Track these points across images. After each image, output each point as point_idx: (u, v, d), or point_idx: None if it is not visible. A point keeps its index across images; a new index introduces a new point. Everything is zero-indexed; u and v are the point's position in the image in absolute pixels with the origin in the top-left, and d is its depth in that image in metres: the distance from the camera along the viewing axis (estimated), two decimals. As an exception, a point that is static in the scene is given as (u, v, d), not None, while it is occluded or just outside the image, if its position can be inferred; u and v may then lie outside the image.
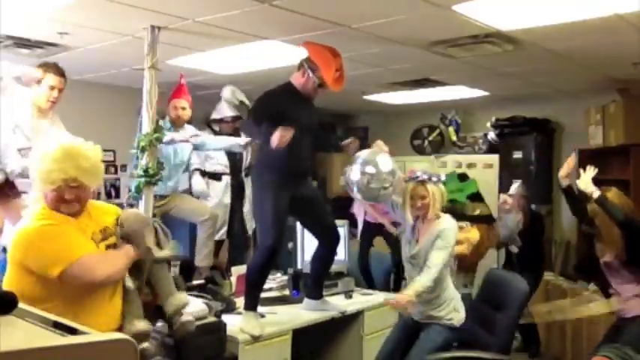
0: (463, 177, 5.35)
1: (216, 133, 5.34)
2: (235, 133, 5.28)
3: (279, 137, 3.14)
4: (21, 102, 3.65)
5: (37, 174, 2.23)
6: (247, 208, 5.34)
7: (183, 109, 4.50)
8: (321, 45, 3.46)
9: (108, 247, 2.34)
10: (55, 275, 2.10)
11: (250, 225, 5.30)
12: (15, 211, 3.53)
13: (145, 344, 2.23)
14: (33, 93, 3.67)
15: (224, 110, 5.37)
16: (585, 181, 3.53)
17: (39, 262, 2.13)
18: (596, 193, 3.44)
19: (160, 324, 2.43)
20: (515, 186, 5.20)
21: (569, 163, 3.82)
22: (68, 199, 2.23)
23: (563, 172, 3.76)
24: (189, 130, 4.61)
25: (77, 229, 2.26)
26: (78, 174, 2.22)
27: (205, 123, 5.52)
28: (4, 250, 3.52)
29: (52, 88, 3.65)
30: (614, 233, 3.38)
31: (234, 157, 5.21)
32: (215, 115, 5.42)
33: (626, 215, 3.35)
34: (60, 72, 3.70)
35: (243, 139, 4.55)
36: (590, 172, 3.57)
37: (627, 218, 3.35)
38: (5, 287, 2.17)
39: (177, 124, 4.48)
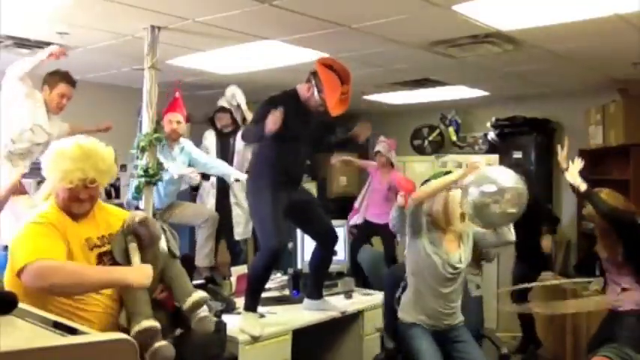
0: None
1: (216, 129, 5.35)
2: (235, 132, 5.30)
3: (272, 120, 3.14)
4: (39, 103, 3.95)
5: (55, 172, 2.20)
6: (236, 212, 5.35)
7: (178, 122, 4.50)
8: (333, 68, 3.35)
9: (101, 254, 2.27)
10: (15, 273, 2.06)
11: (238, 231, 5.29)
12: (17, 207, 3.57)
13: (162, 342, 2.12)
14: (44, 96, 3.98)
15: (220, 102, 5.41)
16: (572, 174, 3.48)
17: (13, 258, 2.12)
18: (582, 186, 3.39)
19: (179, 331, 2.36)
20: None
21: (563, 155, 3.68)
22: (82, 198, 2.23)
23: (562, 165, 3.69)
24: (184, 144, 4.63)
25: (67, 236, 2.20)
26: (96, 175, 2.22)
27: (208, 119, 5.52)
28: (6, 248, 3.55)
29: (63, 96, 3.98)
30: (611, 235, 3.40)
31: (225, 159, 5.20)
32: (240, 100, 5.42)
33: (611, 209, 3.32)
34: (72, 82, 4.02)
35: (236, 174, 4.68)
36: (577, 164, 3.52)
37: (612, 211, 3.31)
38: (5, 282, 2.19)
39: (172, 137, 4.46)
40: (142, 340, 2.07)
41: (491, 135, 6.54)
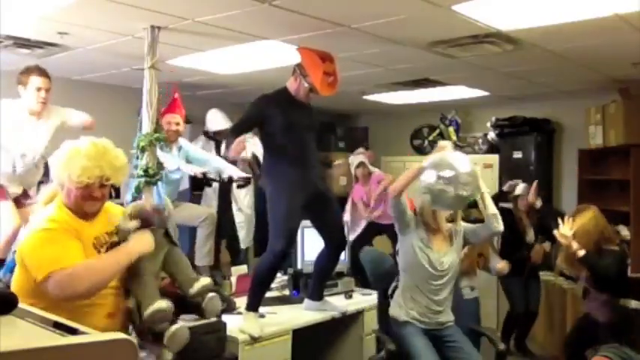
0: None
1: (213, 139, 5.38)
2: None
3: (233, 148, 3.28)
4: (15, 113, 3.77)
5: (69, 170, 2.21)
6: (240, 218, 5.38)
7: (177, 124, 4.52)
8: (313, 50, 3.45)
9: (108, 248, 2.30)
10: (39, 281, 2.08)
11: (242, 237, 5.34)
12: (24, 219, 3.60)
13: (177, 325, 2.18)
14: (23, 100, 3.79)
15: (218, 123, 5.42)
16: (565, 236, 3.45)
17: (30, 263, 2.14)
18: (580, 252, 3.39)
19: (193, 317, 2.40)
20: (521, 187, 5.12)
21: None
22: (96, 196, 2.26)
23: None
24: (182, 143, 4.64)
25: (79, 235, 2.23)
26: (112, 173, 2.26)
27: (202, 132, 5.55)
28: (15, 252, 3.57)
29: (39, 89, 3.77)
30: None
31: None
32: (210, 127, 5.46)
33: (608, 273, 3.39)
34: (43, 72, 3.80)
35: (230, 170, 4.58)
36: (570, 224, 3.47)
37: (609, 276, 3.40)
38: (12, 283, 2.24)
39: (171, 139, 4.44)
40: (157, 319, 2.17)
41: (492, 135, 6.54)
